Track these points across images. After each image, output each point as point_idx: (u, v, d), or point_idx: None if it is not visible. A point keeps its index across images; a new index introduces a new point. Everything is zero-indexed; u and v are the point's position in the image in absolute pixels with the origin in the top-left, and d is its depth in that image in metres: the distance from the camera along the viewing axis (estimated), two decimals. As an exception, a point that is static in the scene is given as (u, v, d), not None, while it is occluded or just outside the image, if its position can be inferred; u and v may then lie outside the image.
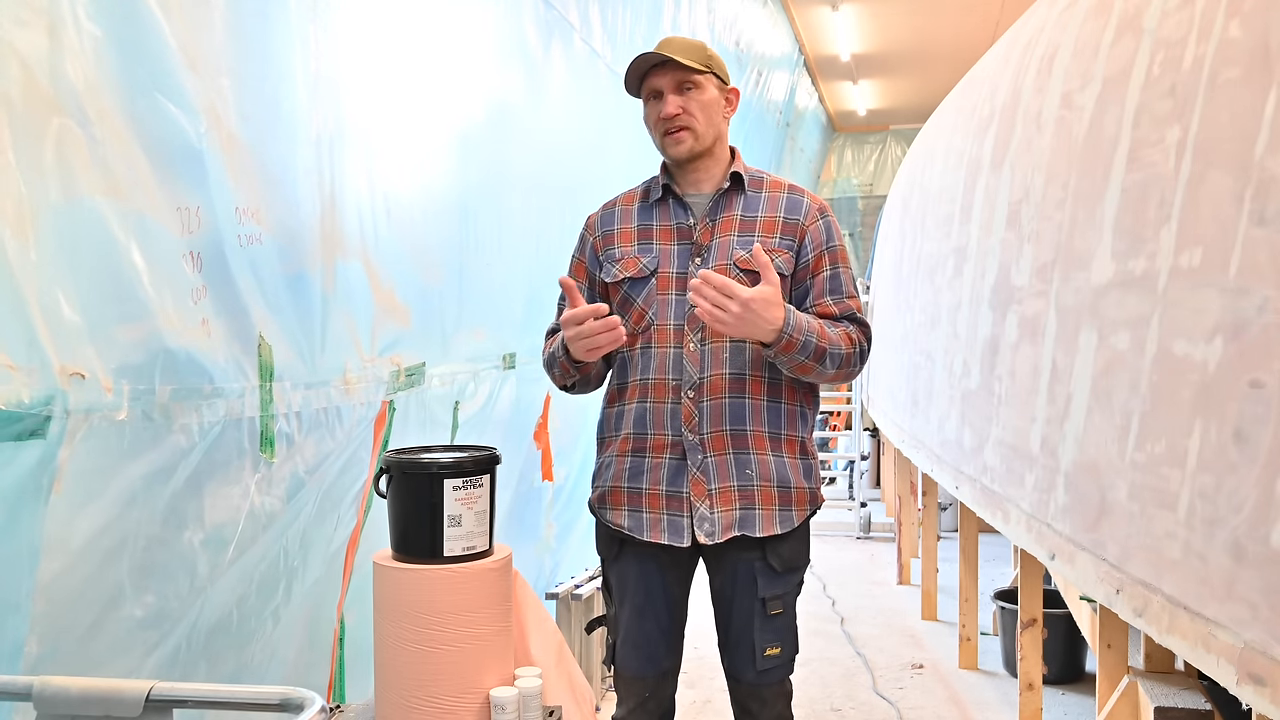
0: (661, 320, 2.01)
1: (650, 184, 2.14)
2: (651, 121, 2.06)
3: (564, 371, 2.04)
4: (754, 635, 2.02)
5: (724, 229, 2.03)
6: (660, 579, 2.06)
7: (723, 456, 1.98)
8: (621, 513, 2.04)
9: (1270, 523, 1.28)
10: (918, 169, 4.40)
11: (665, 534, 1.99)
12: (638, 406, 2.02)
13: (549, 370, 2.10)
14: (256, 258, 1.85)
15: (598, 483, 2.10)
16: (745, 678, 2.05)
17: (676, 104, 2.00)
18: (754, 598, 2.01)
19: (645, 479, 2.01)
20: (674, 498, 1.99)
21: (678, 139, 2.02)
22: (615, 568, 2.09)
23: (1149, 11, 1.81)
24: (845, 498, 6.99)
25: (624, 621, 2.07)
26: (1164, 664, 2.38)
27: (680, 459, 1.98)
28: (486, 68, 2.97)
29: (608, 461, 2.08)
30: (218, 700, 1.23)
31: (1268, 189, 1.35)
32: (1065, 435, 1.98)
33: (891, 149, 13.90)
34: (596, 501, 2.10)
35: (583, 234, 2.17)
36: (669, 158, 2.07)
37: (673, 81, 2.01)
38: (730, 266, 1.99)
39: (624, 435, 2.04)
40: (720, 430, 1.97)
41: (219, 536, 1.78)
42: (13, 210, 1.33)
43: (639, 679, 2.08)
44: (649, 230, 2.07)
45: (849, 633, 4.42)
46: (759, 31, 8.11)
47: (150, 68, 1.58)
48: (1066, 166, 2.12)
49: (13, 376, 1.32)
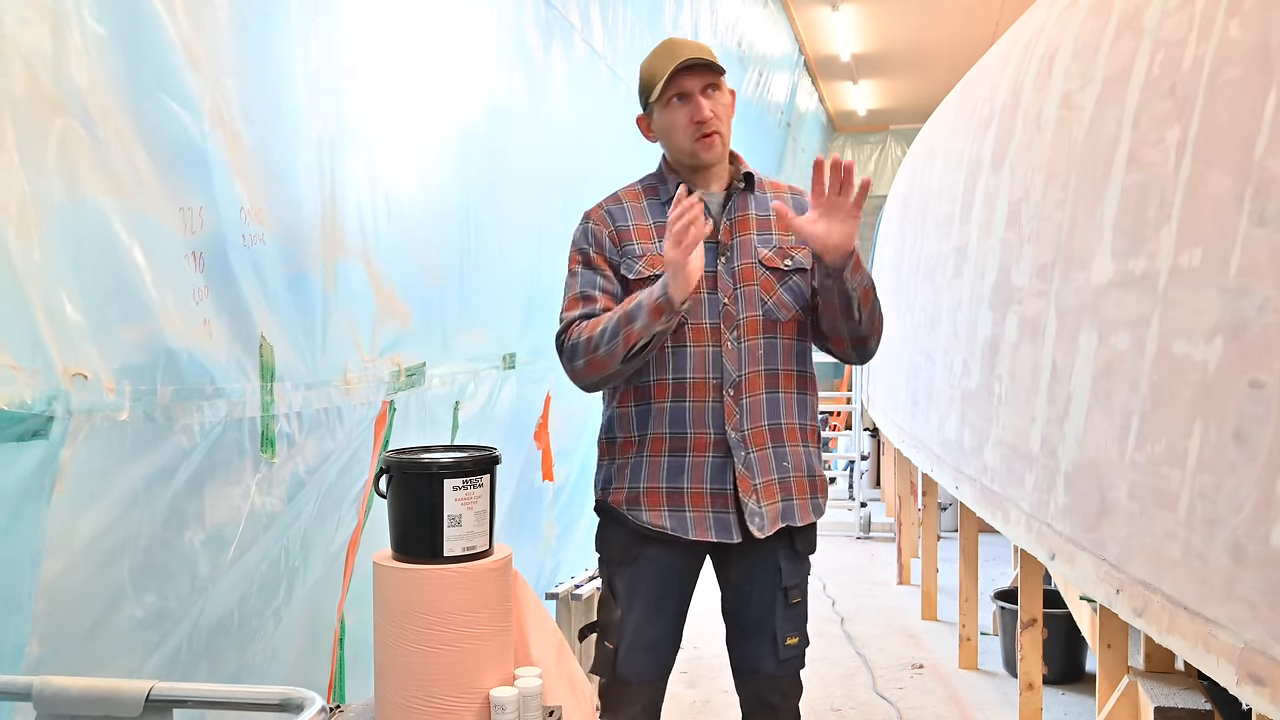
0: (695, 319, 2.00)
1: (653, 182, 2.13)
2: (681, 124, 2.01)
3: (635, 340, 1.88)
4: (775, 625, 2.05)
5: (742, 228, 2.06)
6: (677, 580, 2.06)
7: (764, 451, 2.01)
8: (660, 513, 2.00)
9: (1270, 523, 1.28)
10: (918, 169, 4.40)
11: (712, 531, 1.99)
12: (673, 405, 1.99)
13: (600, 350, 1.92)
14: (258, 258, 1.85)
15: (621, 484, 2.04)
16: (765, 669, 2.06)
17: (709, 107, 2.00)
18: (776, 587, 2.05)
19: (687, 477, 1.99)
20: (719, 495, 1.99)
21: (710, 143, 2.01)
22: (629, 571, 2.05)
23: (1149, 11, 1.81)
24: (845, 498, 6.99)
25: (632, 625, 2.05)
26: (1164, 664, 2.39)
27: (723, 456, 1.99)
28: (487, 68, 2.97)
29: (636, 462, 2.03)
30: (218, 700, 1.23)
31: (1268, 189, 1.35)
32: (1065, 435, 1.98)
33: (891, 149, 13.90)
34: (626, 503, 2.03)
35: (590, 228, 2.09)
36: (701, 161, 2.03)
37: (701, 83, 2.00)
38: (756, 265, 2.03)
39: (657, 435, 2.01)
40: (760, 425, 2.01)
41: (220, 537, 1.78)
42: (16, 210, 1.33)
43: (644, 684, 2.07)
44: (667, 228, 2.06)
45: (849, 633, 4.43)
46: (759, 32, 8.12)
47: (154, 67, 1.58)
48: (1066, 166, 2.12)
49: (15, 377, 1.32)
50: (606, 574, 2.11)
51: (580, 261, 2.08)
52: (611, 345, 1.92)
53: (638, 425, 2.04)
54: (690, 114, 2.00)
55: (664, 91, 2.01)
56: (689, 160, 2.06)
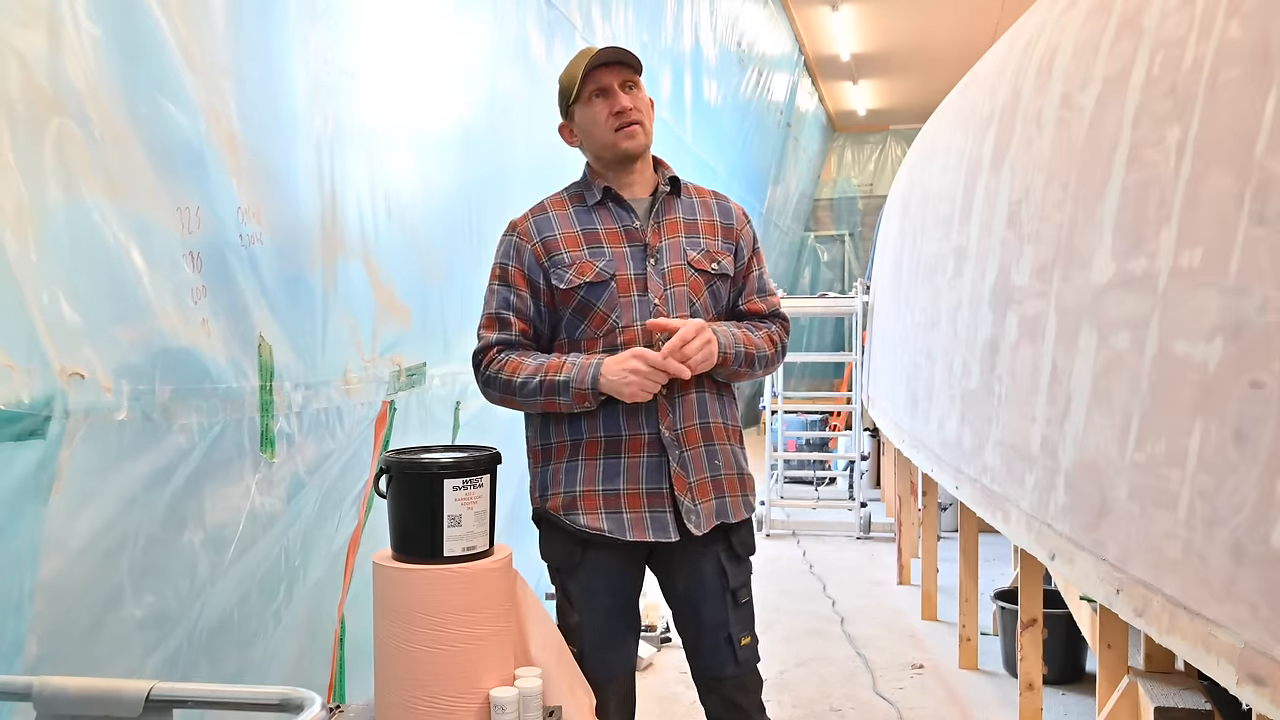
0: (627, 321, 2.02)
1: (580, 188, 2.14)
2: (601, 117, 2.05)
3: (554, 409, 2.01)
4: (730, 628, 2.07)
5: (670, 231, 2.10)
6: (625, 579, 2.08)
7: (697, 450, 2.04)
8: (597, 515, 2.01)
9: (1270, 523, 1.28)
10: (917, 169, 4.40)
11: (650, 531, 2.00)
12: (606, 407, 2.00)
13: (518, 398, 2.02)
14: (257, 257, 1.85)
15: (557, 489, 2.05)
16: (727, 673, 2.08)
17: (628, 99, 2.04)
18: (724, 590, 2.07)
19: (623, 479, 2.00)
20: (655, 494, 2.01)
21: (631, 132, 2.04)
22: (577, 575, 2.05)
23: (1149, 11, 1.81)
24: (845, 498, 6.98)
25: (594, 626, 2.05)
26: (1164, 664, 2.38)
27: (658, 455, 2.01)
28: (488, 67, 2.97)
29: (571, 466, 2.04)
30: (218, 700, 1.23)
31: (1268, 189, 1.35)
32: (1065, 435, 1.98)
33: (891, 149, 13.90)
34: (562, 508, 2.04)
35: (514, 241, 2.09)
36: (623, 151, 2.06)
37: (619, 79, 2.05)
38: (685, 266, 2.08)
39: (593, 438, 2.02)
40: (693, 424, 2.04)
41: (219, 537, 1.78)
42: (13, 210, 1.33)
43: (616, 679, 2.07)
44: (594, 234, 2.06)
45: (849, 633, 4.42)
46: (759, 32, 8.12)
47: (150, 68, 1.58)
48: (1066, 166, 2.12)
49: (13, 376, 1.32)
50: (558, 581, 2.10)
51: (499, 277, 2.09)
52: (530, 401, 2.01)
53: (570, 429, 2.04)
54: (609, 106, 2.04)
55: (582, 88, 2.05)
56: (611, 154, 2.08)
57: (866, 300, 6.28)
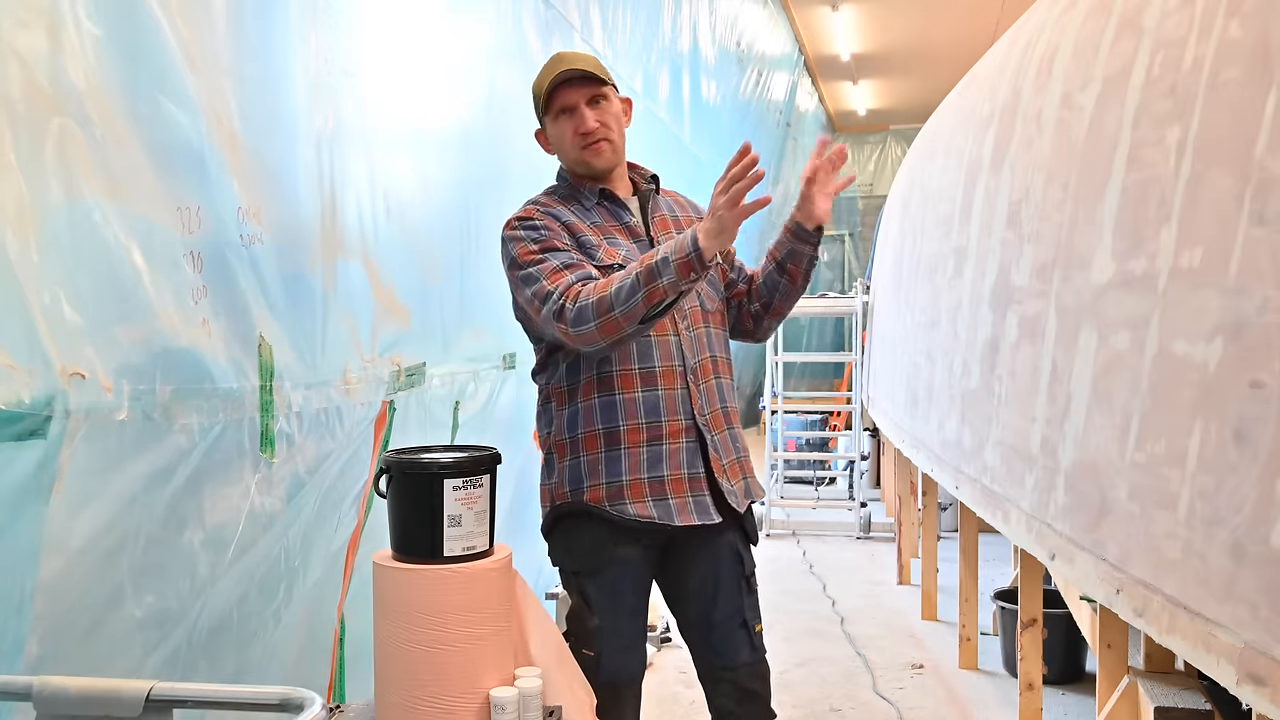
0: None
1: (568, 192, 2.13)
2: (568, 136, 2.05)
3: (660, 298, 1.82)
4: (745, 614, 2.10)
5: (662, 227, 2.15)
6: (646, 574, 2.10)
7: (723, 434, 2.10)
8: (645, 504, 2.00)
9: (1270, 523, 1.28)
10: (917, 169, 4.40)
11: (695, 515, 2.03)
12: (645, 395, 2.01)
13: (617, 310, 1.84)
14: (257, 257, 1.85)
15: (597, 480, 2.00)
16: (742, 659, 2.09)
17: (594, 117, 2.04)
18: (740, 575, 2.10)
19: (665, 465, 2.02)
20: (695, 479, 2.04)
21: (598, 150, 2.06)
22: (601, 576, 2.03)
23: (1149, 11, 1.81)
24: (845, 498, 6.98)
25: (616, 629, 2.03)
26: (1164, 664, 2.38)
27: (695, 441, 2.05)
28: (487, 67, 2.97)
29: (613, 455, 2.01)
30: (217, 700, 1.23)
31: (1268, 189, 1.35)
32: (1065, 435, 1.98)
33: (891, 149, 13.90)
34: (606, 498, 2.00)
35: (538, 222, 2.03)
36: (592, 168, 2.08)
37: (584, 95, 2.04)
38: None
39: (633, 425, 2.00)
40: (717, 409, 2.10)
41: (219, 537, 1.78)
42: (14, 210, 1.33)
43: (633, 683, 2.08)
44: (603, 228, 2.09)
45: (849, 633, 4.42)
46: (759, 31, 8.11)
47: (151, 68, 1.58)
48: (1066, 166, 2.12)
49: (13, 376, 1.32)
50: (575, 585, 2.06)
51: (540, 249, 1.99)
52: (630, 304, 1.83)
53: (607, 417, 2.02)
54: (575, 126, 2.04)
55: (548, 106, 2.06)
56: (581, 170, 2.10)
57: (866, 300, 6.28)
